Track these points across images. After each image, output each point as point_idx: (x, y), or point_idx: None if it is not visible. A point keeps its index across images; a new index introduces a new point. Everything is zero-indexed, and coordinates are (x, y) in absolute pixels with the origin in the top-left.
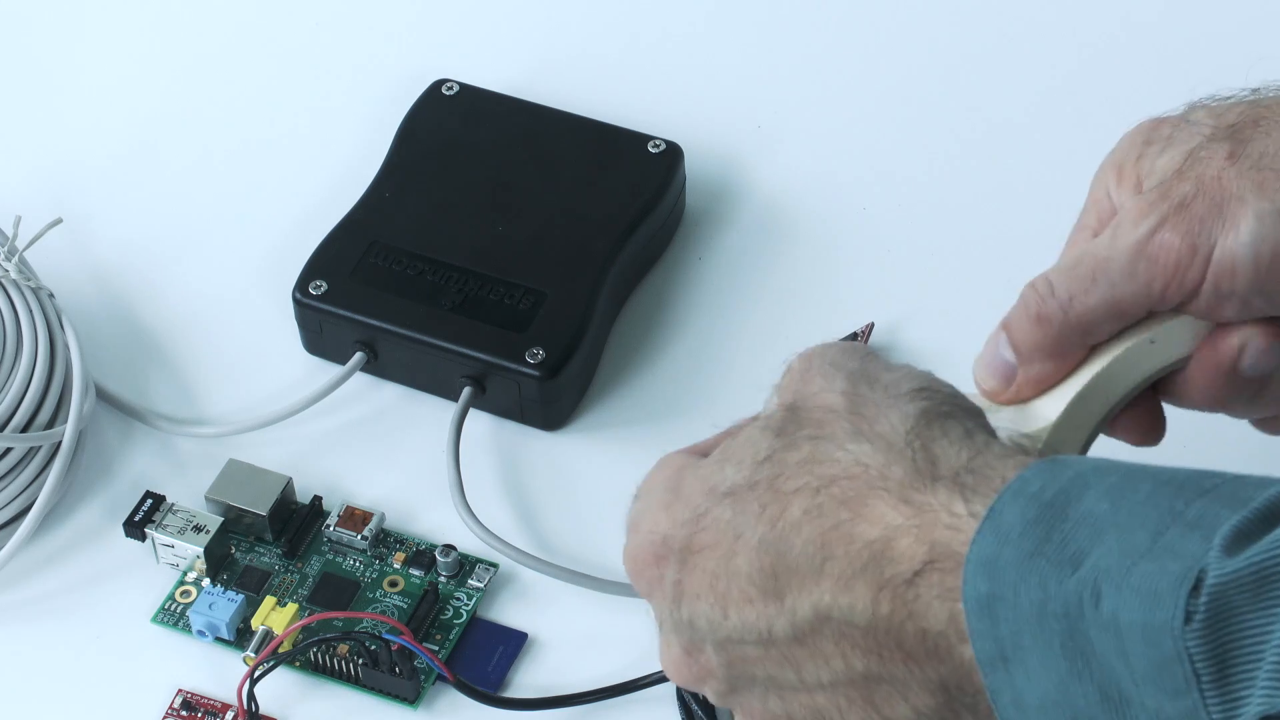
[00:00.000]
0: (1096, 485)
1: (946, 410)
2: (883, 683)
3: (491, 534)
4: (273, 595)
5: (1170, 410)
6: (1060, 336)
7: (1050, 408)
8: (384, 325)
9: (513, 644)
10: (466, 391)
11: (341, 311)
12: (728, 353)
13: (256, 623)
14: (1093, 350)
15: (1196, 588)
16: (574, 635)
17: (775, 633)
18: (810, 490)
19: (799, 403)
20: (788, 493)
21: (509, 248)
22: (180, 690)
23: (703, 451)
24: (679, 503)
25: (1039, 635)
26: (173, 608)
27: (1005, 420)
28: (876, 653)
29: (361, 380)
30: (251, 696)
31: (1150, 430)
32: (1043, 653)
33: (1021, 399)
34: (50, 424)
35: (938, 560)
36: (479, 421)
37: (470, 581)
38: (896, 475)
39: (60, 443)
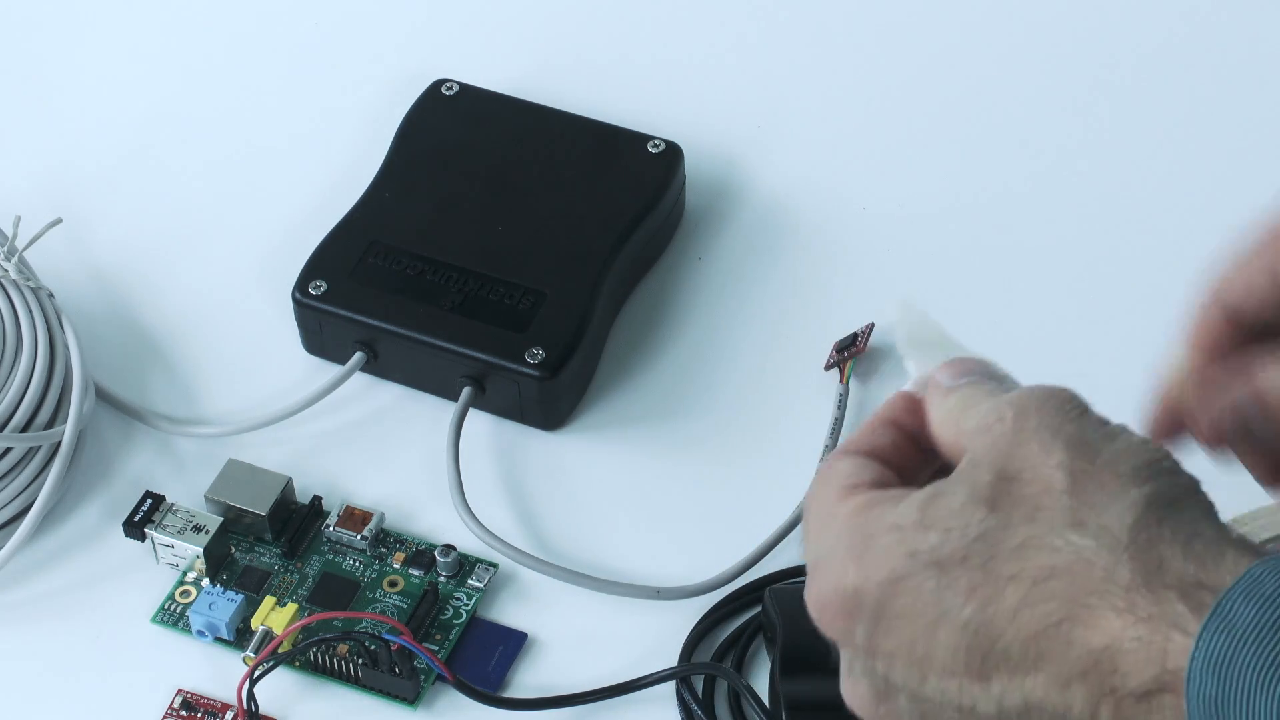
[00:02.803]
0: None
1: (1173, 496)
2: None
3: (491, 534)
4: (272, 595)
5: None
6: None
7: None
8: (384, 325)
9: (512, 644)
10: (466, 391)
11: (341, 311)
12: (728, 353)
13: (256, 623)
14: None
15: None
16: (574, 635)
17: (979, 709)
18: (1027, 580)
19: (1013, 472)
20: (1002, 577)
21: (509, 248)
22: (180, 690)
23: (871, 454)
24: (870, 555)
25: None
26: (172, 608)
27: None
28: None
29: (361, 380)
30: (251, 696)
31: None
32: None
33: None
34: (50, 424)
35: (1171, 685)
36: (479, 421)
37: (470, 581)
38: (1122, 578)
39: (60, 443)
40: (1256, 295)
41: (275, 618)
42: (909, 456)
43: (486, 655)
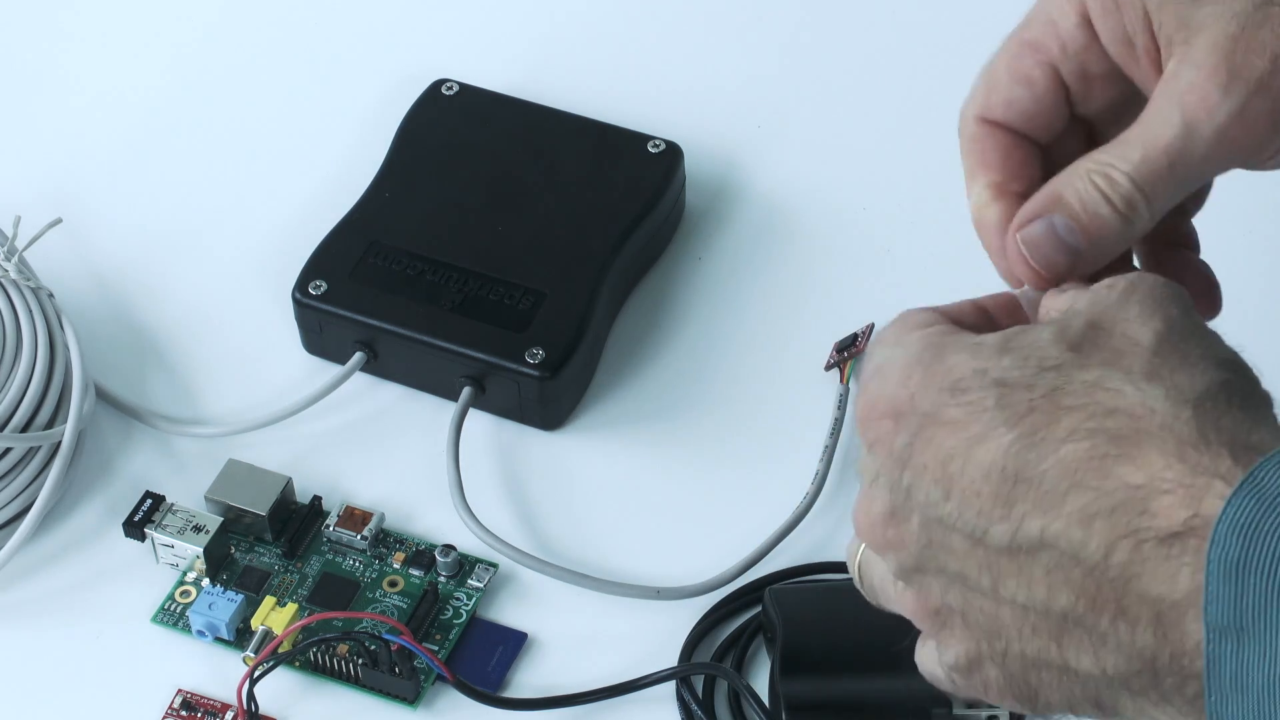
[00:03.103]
0: None
1: (1248, 390)
2: (1079, 628)
3: (491, 534)
4: (272, 595)
5: None
6: (1140, 230)
7: None
8: (384, 325)
9: (512, 644)
10: (466, 391)
11: (341, 311)
12: (728, 353)
13: (256, 623)
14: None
15: None
16: (574, 635)
17: (990, 537)
18: (1086, 412)
19: (1105, 323)
20: (1061, 407)
21: (509, 248)
22: (180, 690)
23: (956, 320)
24: (939, 366)
25: None
26: (172, 608)
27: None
28: (1088, 597)
29: (361, 380)
30: (251, 696)
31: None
32: None
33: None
34: (50, 424)
35: (1201, 529)
36: (479, 421)
37: (470, 581)
38: (1180, 431)
39: (60, 443)
40: (1017, 108)
41: (275, 618)
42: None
43: (486, 655)
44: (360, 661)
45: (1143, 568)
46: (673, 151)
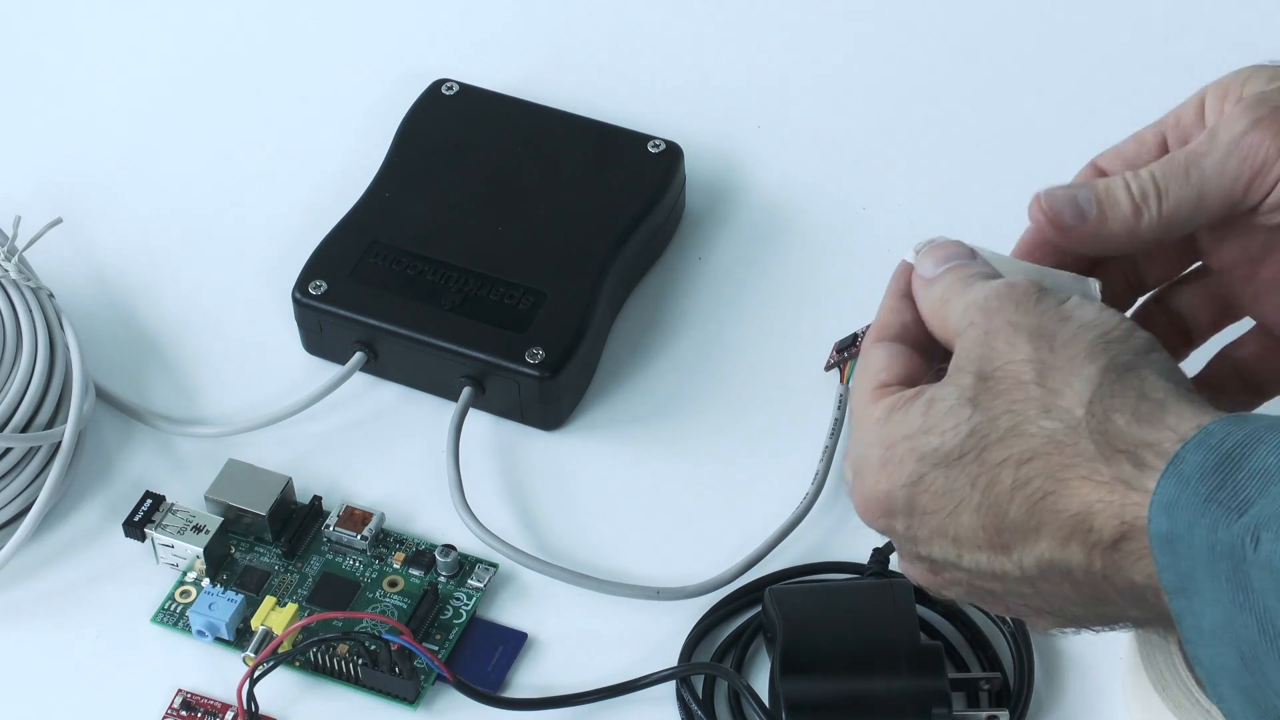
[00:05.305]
0: (1270, 441)
1: (1123, 363)
2: (1097, 606)
3: (491, 534)
4: (272, 595)
5: None
6: (1146, 225)
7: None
8: (384, 325)
9: (512, 644)
10: (466, 391)
11: (341, 311)
12: (728, 353)
13: (256, 623)
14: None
15: None
16: (574, 635)
17: (1008, 574)
18: (1014, 463)
19: (989, 371)
20: (994, 464)
21: (509, 248)
22: (180, 690)
23: (904, 373)
24: (892, 464)
25: (1210, 571)
26: (172, 608)
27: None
28: (1095, 590)
29: (361, 380)
30: (251, 696)
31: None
32: (1213, 586)
33: (1067, 242)
34: (50, 424)
35: (1130, 533)
36: (479, 421)
37: (470, 581)
38: (1086, 451)
39: (60, 443)
40: (1138, 164)
41: (275, 618)
42: (924, 329)
43: (486, 655)
44: (360, 661)
45: (1116, 567)
46: (673, 151)
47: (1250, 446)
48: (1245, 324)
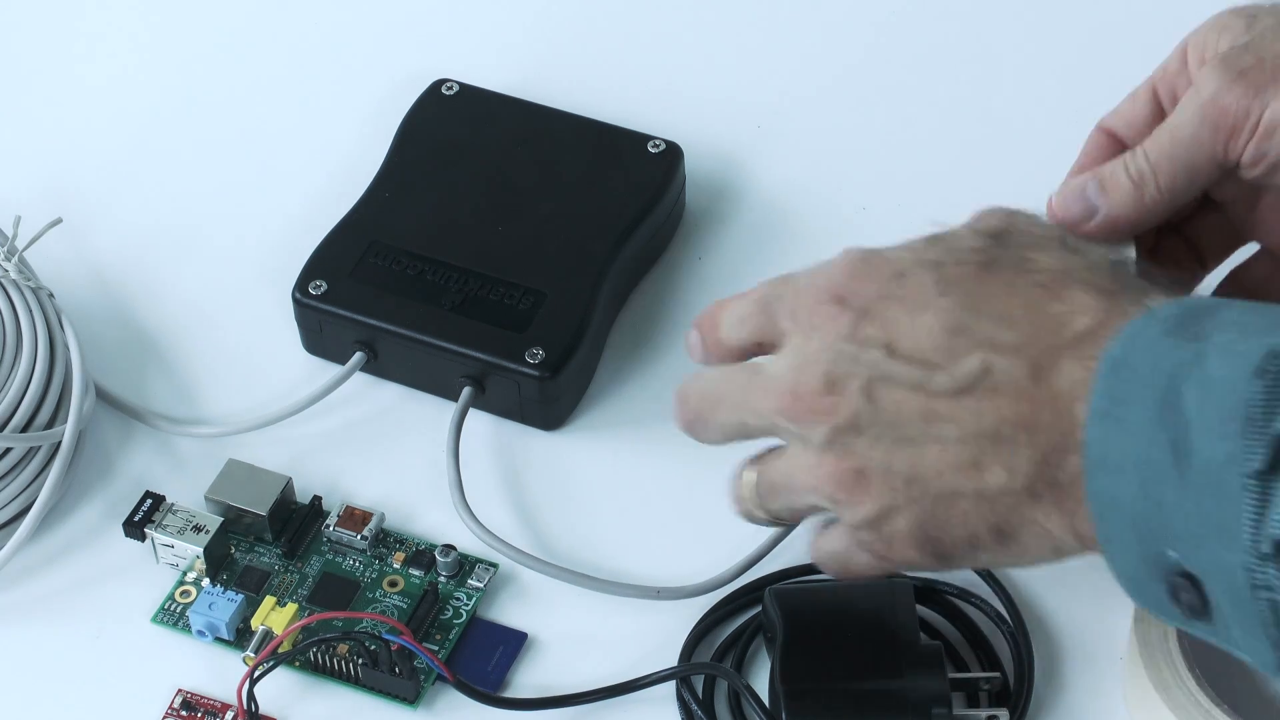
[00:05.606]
0: (1239, 305)
1: (1141, 270)
2: (999, 443)
3: (491, 534)
4: (272, 595)
5: None
6: (1151, 201)
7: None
8: (384, 325)
9: (512, 644)
10: (466, 391)
11: (341, 311)
12: None
13: (256, 623)
14: None
15: None
16: (574, 635)
17: (934, 383)
18: (1015, 272)
19: (1014, 227)
20: (993, 276)
21: (509, 248)
22: (180, 690)
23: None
24: (880, 260)
25: (1145, 389)
26: (172, 608)
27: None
28: (1010, 409)
29: (361, 380)
30: (251, 696)
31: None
32: (1141, 405)
33: (1089, 236)
34: (50, 424)
35: (1101, 330)
36: (479, 421)
37: (470, 581)
38: (1098, 279)
39: (60, 443)
40: (1136, 122)
41: (275, 618)
42: None
43: (486, 655)
44: (360, 661)
45: (1054, 369)
46: (673, 151)
47: (1220, 306)
48: (1254, 248)
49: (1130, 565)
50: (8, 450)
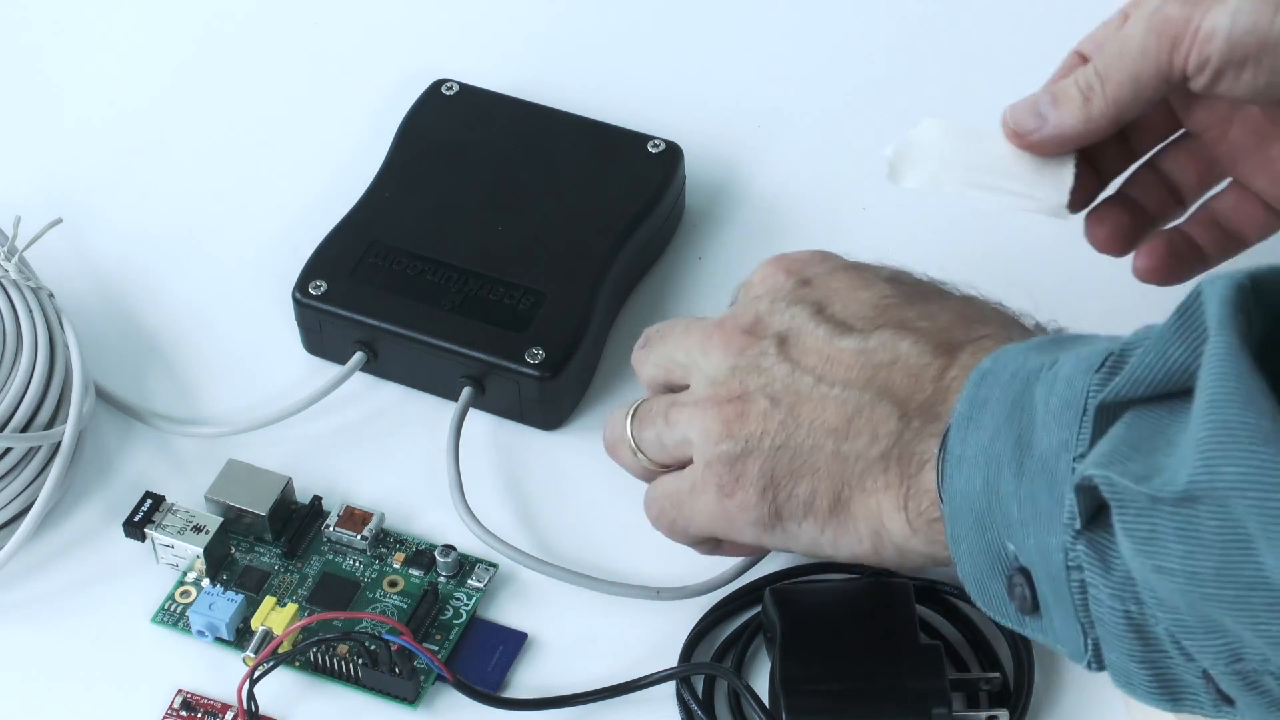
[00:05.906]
0: (1107, 335)
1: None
2: (875, 407)
3: (491, 534)
4: (272, 595)
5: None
6: (1098, 112)
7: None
8: (384, 325)
9: (512, 644)
10: (466, 391)
11: (341, 311)
12: None
13: (256, 623)
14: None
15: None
16: (574, 635)
17: (842, 342)
18: (959, 297)
19: (898, 275)
20: (939, 294)
21: (509, 248)
22: (180, 690)
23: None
24: (838, 256)
25: (1002, 394)
26: (172, 608)
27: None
28: (900, 382)
29: (361, 380)
30: (251, 696)
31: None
32: (996, 406)
33: (1038, 149)
34: (50, 424)
35: (994, 345)
36: (479, 421)
37: (470, 581)
38: (1003, 316)
39: (60, 443)
40: (1131, 109)
41: (275, 618)
42: None
43: (486, 655)
44: (360, 661)
45: (953, 365)
46: (673, 151)
47: (1092, 335)
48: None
49: (975, 564)
50: (8, 450)
